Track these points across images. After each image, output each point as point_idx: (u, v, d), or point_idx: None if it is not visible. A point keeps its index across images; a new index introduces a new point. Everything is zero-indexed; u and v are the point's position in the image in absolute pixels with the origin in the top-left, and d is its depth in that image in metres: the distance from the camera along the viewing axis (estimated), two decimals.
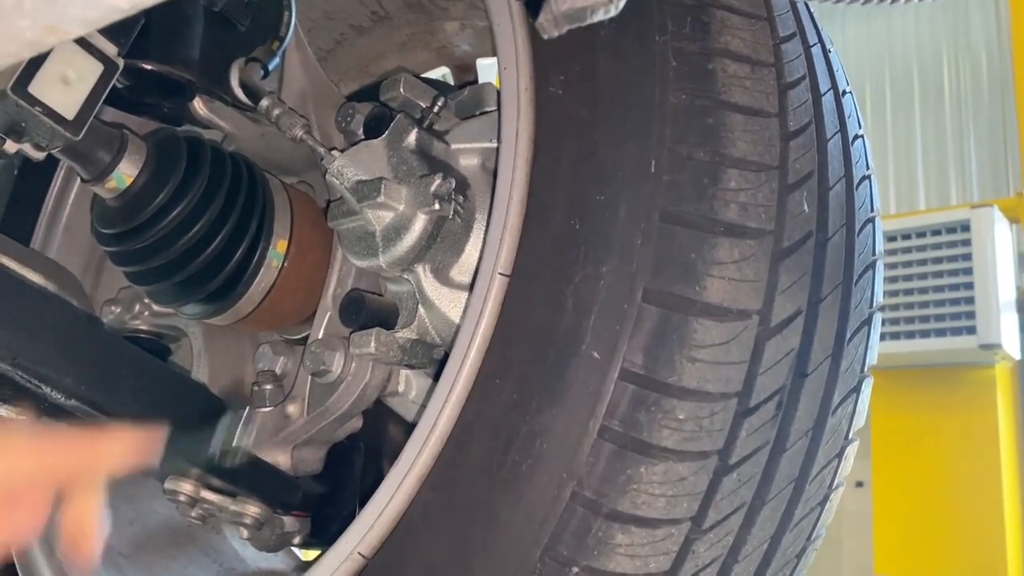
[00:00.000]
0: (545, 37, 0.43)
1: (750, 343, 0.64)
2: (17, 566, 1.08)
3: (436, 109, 0.90)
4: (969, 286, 3.76)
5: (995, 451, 3.75)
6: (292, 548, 1.07)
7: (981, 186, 4.93)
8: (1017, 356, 3.83)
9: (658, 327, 0.62)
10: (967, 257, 3.79)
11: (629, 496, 0.62)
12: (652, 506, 0.62)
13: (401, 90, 0.90)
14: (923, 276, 3.89)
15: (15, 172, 1.22)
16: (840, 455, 0.78)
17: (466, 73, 1.22)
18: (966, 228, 3.82)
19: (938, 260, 3.87)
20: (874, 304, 0.79)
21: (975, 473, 3.78)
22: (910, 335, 3.86)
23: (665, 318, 0.62)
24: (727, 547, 0.68)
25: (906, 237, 3.98)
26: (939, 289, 3.83)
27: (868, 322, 0.78)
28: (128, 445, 0.57)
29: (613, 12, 0.42)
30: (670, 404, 0.62)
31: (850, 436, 0.79)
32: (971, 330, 3.71)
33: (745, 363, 0.64)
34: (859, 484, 4.23)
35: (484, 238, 0.76)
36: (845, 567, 4.38)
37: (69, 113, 0.65)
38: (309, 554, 1.07)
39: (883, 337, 3.87)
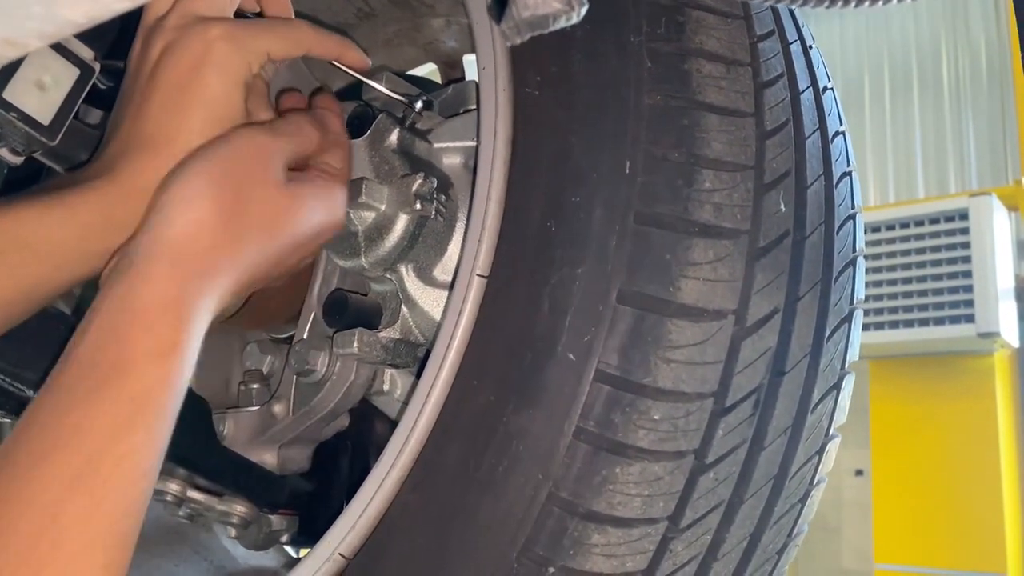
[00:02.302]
0: (507, 44, 0.43)
1: (726, 343, 0.64)
2: None
3: (418, 108, 0.90)
4: (968, 274, 3.76)
5: (994, 439, 3.76)
6: (283, 545, 1.07)
7: (980, 174, 4.92)
8: (1016, 344, 3.83)
9: (633, 328, 0.62)
10: (966, 245, 3.80)
11: (605, 496, 0.62)
12: (628, 506, 0.62)
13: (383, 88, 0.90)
14: (922, 264, 3.89)
15: (4, 170, 1.22)
16: (821, 452, 0.78)
17: (453, 69, 1.22)
18: (965, 216, 3.82)
19: (937, 248, 3.87)
20: (855, 300, 0.79)
21: (974, 461, 3.80)
22: (909, 324, 3.87)
23: (640, 319, 0.62)
24: (705, 545, 0.68)
25: (904, 226, 3.98)
26: (938, 277, 3.84)
27: (848, 319, 0.78)
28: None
29: (575, 19, 0.42)
30: (645, 405, 0.62)
31: (831, 433, 0.79)
32: (970, 318, 3.71)
33: (721, 363, 0.64)
34: (859, 472, 4.25)
35: (463, 239, 0.76)
36: (845, 555, 4.40)
37: (45, 118, 0.65)
38: (302, 550, 1.07)
39: (882, 326, 3.88)
